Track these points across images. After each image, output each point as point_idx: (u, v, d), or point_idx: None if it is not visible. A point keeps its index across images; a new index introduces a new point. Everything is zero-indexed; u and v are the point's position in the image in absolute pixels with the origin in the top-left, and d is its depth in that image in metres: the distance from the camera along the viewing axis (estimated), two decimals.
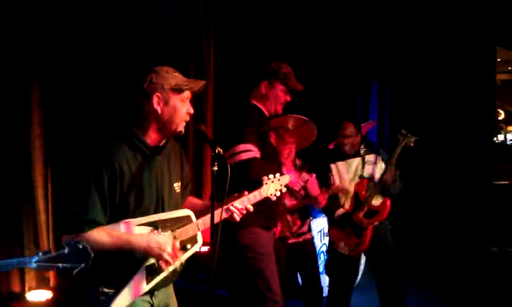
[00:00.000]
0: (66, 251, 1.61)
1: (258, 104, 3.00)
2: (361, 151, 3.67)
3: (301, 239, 3.84)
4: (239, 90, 5.39)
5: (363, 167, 3.64)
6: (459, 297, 4.70)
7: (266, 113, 3.01)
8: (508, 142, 13.95)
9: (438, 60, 6.27)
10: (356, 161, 3.67)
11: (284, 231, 3.75)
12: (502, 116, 13.19)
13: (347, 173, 3.67)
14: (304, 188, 3.84)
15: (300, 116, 4.26)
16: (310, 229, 3.95)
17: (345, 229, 3.62)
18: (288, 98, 3.01)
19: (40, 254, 1.59)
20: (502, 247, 6.25)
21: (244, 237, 2.85)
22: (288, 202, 3.81)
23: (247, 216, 2.42)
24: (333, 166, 3.70)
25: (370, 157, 3.68)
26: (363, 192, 3.56)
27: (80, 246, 1.63)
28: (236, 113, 3.03)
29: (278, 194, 2.37)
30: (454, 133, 6.28)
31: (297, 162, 3.96)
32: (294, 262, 3.86)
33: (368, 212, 3.52)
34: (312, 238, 3.96)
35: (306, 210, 3.95)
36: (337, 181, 3.67)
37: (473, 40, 6.25)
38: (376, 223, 3.53)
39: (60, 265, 1.60)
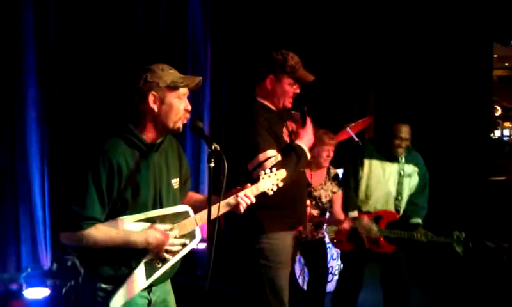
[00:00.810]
0: (54, 267, 1.61)
1: (263, 101, 2.74)
2: (401, 160, 3.50)
3: (312, 238, 3.75)
4: (238, 86, 5.41)
5: (400, 177, 3.49)
6: (456, 293, 4.72)
7: (274, 109, 2.75)
8: (504, 138, 13.97)
9: (435, 56, 6.28)
10: (392, 168, 3.49)
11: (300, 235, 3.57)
12: (498, 112, 13.19)
13: (379, 177, 3.49)
14: (330, 201, 3.75)
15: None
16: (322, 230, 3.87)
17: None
18: (297, 91, 2.74)
19: (29, 269, 1.59)
20: (499, 243, 6.27)
21: (262, 242, 2.69)
22: (309, 210, 3.57)
23: (269, 221, 2.45)
24: (366, 162, 3.51)
25: (408, 168, 3.52)
26: (383, 224, 3.47)
27: (69, 263, 1.62)
28: (241, 115, 2.79)
29: (275, 188, 2.34)
30: (451, 130, 6.30)
31: (332, 170, 3.79)
32: (304, 259, 3.81)
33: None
34: (324, 237, 3.87)
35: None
36: (365, 180, 3.52)
37: (470, 37, 6.26)
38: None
39: (48, 281, 1.60)
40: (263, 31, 5.56)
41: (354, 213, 3.54)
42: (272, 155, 2.58)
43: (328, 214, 3.88)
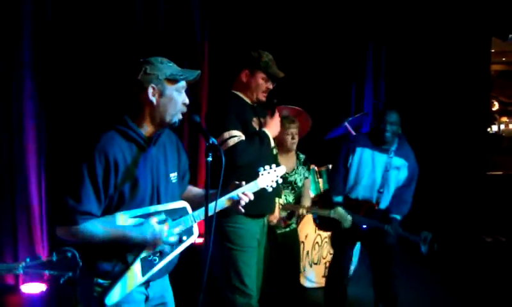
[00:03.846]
0: (54, 258, 1.59)
1: (238, 92, 2.97)
2: (392, 152, 3.51)
3: (288, 229, 3.86)
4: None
5: (386, 170, 3.50)
6: (453, 286, 4.73)
7: (248, 101, 2.98)
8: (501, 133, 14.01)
9: (433, 51, 6.27)
10: (380, 159, 3.52)
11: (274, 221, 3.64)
12: (496, 107, 13.24)
13: (368, 165, 3.53)
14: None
15: (294, 107, 4.26)
16: (295, 219, 3.98)
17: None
18: (270, 86, 2.95)
19: (28, 260, 1.57)
20: (496, 237, 6.29)
21: (227, 226, 2.84)
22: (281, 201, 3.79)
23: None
24: (359, 150, 3.56)
25: (397, 161, 3.52)
26: (362, 212, 3.51)
27: (69, 254, 1.60)
28: (215, 103, 3.03)
29: (274, 185, 2.34)
30: (449, 124, 6.30)
31: (302, 155, 3.96)
32: (280, 252, 3.85)
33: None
34: (296, 228, 4.02)
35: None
36: (355, 167, 3.56)
37: (468, 31, 6.26)
38: None
39: (47, 272, 1.58)
40: (260, 23, 5.54)
41: (338, 199, 3.58)
42: (237, 134, 2.77)
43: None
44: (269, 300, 3.54)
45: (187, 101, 2.09)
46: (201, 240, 4.51)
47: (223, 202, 2.16)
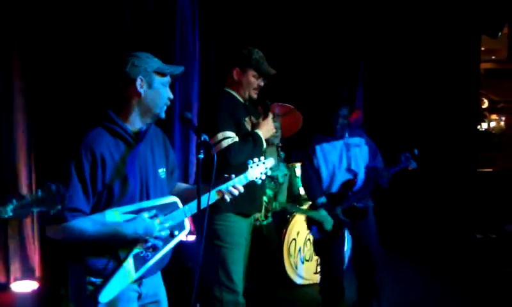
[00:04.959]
0: (39, 194, 1.57)
1: (230, 90, 2.98)
2: (345, 136, 3.66)
3: (266, 222, 3.92)
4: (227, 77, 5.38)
5: (347, 151, 3.62)
6: (444, 284, 4.75)
7: (240, 99, 2.99)
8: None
9: (423, 49, 6.30)
10: (340, 144, 3.64)
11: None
12: (485, 105, 13.31)
13: (333, 155, 3.63)
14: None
15: (286, 105, 4.27)
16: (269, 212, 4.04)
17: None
18: (261, 84, 2.97)
19: (14, 201, 1.55)
20: (486, 234, 6.34)
21: (216, 223, 2.86)
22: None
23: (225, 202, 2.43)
24: (318, 148, 3.66)
25: (353, 140, 3.67)
26: (347, 192, 3.55)
27: (54, 187, 1.58)
28: (208, 102, 3.04)
29: (263, 177, 2.37)
30: (439, 122, 6.33)
31: (282, 153, 4.10)
32: (262, 246, 3.88)
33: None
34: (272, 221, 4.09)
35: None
36: (323, 164, 3.63)
37: (458, 29, 6.29)
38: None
39: (35, 209, 1.56)
40: (252, 21, 5.54)
41: (322, 200, 3.60)
42: (231, 135, 2.78)
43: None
44: (255, 296, 3.55)
45: (171, 96, 2.12)
46: (193, 238, 4.54)
47: (213, 195, 2.17)
